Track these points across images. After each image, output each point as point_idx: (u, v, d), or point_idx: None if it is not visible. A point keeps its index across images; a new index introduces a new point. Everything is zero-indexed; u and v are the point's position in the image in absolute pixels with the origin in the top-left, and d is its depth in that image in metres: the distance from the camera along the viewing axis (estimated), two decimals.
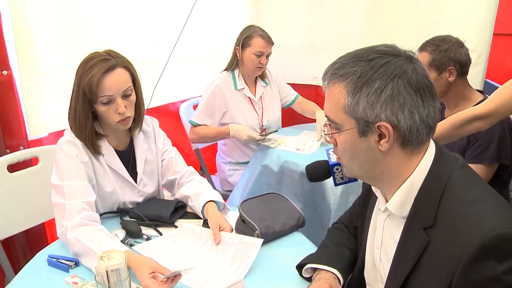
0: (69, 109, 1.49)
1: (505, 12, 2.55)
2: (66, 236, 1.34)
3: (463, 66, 1.90)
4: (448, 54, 1.88)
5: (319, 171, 1.27)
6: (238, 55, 2.49)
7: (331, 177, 1.26)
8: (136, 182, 1.62)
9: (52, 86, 2.10)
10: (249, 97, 2.56)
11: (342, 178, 1.25)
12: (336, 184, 1.27)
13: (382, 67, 0.89)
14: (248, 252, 1.32)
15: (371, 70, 0.89)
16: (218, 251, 1.35)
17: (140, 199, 1.63)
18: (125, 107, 1.46)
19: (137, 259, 1.22)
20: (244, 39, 2.44)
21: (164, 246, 1.37)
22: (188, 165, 1.78)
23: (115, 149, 1.57)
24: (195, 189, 1.62)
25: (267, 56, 2.47)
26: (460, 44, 1.91)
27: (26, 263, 1.34)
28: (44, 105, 2.09)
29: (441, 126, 1.59)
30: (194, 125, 2.50)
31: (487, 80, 2.68)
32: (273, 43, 2.46)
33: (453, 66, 1.88)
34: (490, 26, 2.35)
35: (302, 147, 2.34)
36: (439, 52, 1.89)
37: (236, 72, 2.53)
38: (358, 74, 0.89)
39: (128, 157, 1.61)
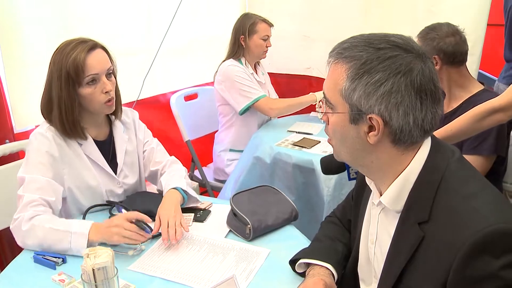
0: (48, 101, 1.45)
1: (499, 2, 2.54)
2: (21, 228, 1.30)
3: (449, 55, 1.85)
4: (431, 43, 1.86)
5: (334, 165, 1.28)
6: (243, 43, 2.54)
7: (345, 171, 1.28)
8: (116, 173, 1.58)
9: (38, 76, 2.03)
10: (258, 81, 2.62)
11: (356, 173, 1.26)
12: (350, 179, 1.28)
13: (388, 59, 0.85)
14: (253, 258, 1.29)
15: (376, 60, 0.86)
16: (219, 254, 1.31)
17: (120, 191, 1.60)
18: None
19: (104, 224, 1.31)
20: (250, 27, 2.51)
21: (159, 257, 1.30)
22: (180, 158, 1.75)
23: (94, 140, 1.53)
24: (167, 178, 1.59)
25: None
26: (449, 34, 1.86)
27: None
28: (31, 97, 2.04)
29: (461, 120, 1.58)
30: (261, 99, 2.47)
31: (481, 71, 2.67)
32: (272, 25, 2.58)
33: (436, 55, 1.85)
34: (485, 16, 2.33)
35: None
36: (424, 41, 1.88)
37: (242, 59, 2.58)
38: (362, 61, 0.86)
39: (108, 148, 1.58)
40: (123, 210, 1.39)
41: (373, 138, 0.89)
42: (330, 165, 1.30)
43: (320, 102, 0.98)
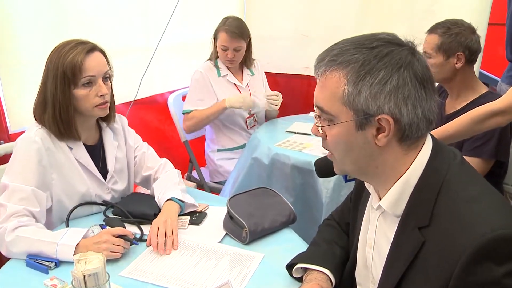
0: (42, 101, 1.42)
1: (500, 1, 2.51)
2: (5, 239, 1.27)
3: (472, 53, 1.82)
4: (459, 38, 1.80)
5: (330, 167, 1.21)
6: (214, 47, 2.53)
7: None
8: (105, 179, 1.56)
9: (33, 77, 2.01)
10: (235, 84, 2.58)
11: None
12: (346, 181, 1.23)
13: (386, 56, 0.83)
14: (247, 262, 1.26)
15: (374, 59, 0.83)
16: (212, 258, 1.28)
17: (108, 197, 1.57)
18: None
19: (92, 240, 1.27)
20: (215, 31, 2.48)
21: (151, 262, 1.27)
22: (177, 158, 1.73)
23: (84, 144, 1.51)
24: (161, 187, 1.57)
25: (237, 50, 2.45)
26: (472, 30, 1.84)
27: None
28: (26, 97, 2.02)
29: (460, 121, 1.56)
30: (187, 113, 2.50)
31: (482, 70, 2.65)
32: (240, 38, 2.42)
33: (462, 52, 1.81)
34: (485, 15, 2.32)
35: None
36: (449, 36, 1.81)
37: (219, 61, 2.56)
38: (360, 62, 0.83)
39: (98, 153, 1.55)
40: (107, 227, 1.37)
41: (382, 140, 0.86)
42: (326, 168, 1.23)
43: (315, 117, 0.94)
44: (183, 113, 2.54)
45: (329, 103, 0.88)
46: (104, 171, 1.56)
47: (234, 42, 2.42)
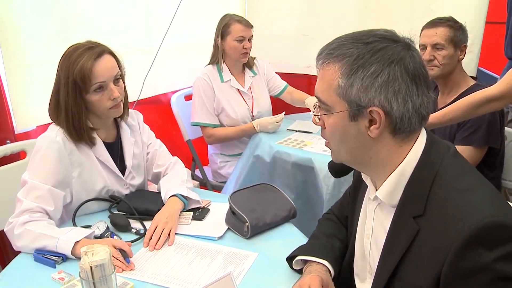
0: (56, 106, 1.45)
1: (497, 0, 2.54)
2: (14, 232, 1.31)
3: (467, 46, 1.92)
4: (463, 32, 1.89)
5: (342, 165, 1.20)
6: (219, 46, 2.49)
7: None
8: (123, 175, 1.60)
9: (39, 77, 2.06)
10: (237, 89, 2.56)
11: None
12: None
13: (380, 51, 0.87)
14: (242, 260, 1.29)
15: (368, 53, 0.87)
16: (207, 257, 1.30)
17: (126, 192, 1.62)
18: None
19: (92, 241, 1.27)
20: (223, 29, 2.45)
21: (146, 261, 1.29)
22: (181, 157, 1.76)
23: (103, 142, 1.55)
24: (167, 184, 1.60)
25: (249, 40, 2.48)
26: None
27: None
28: (32, 97, 2.06)
29: (458, 106, 1.62)
30: (205, 126, 2.49)
31: (480, 68, 2.67)
32: (252, 26, 2.48)
33: (465, 45, 1.89)
34: (483, 13, 2.34)
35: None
36: (458, 28, 1.88)
37: (221, 64, 2.53)
38: (354, 56, 0.87)
39: (116, 150, 1.59)
40: (115, 236, 1.39)
41: (374, 131, 0.89)
42: (339, 167, 1.22)
43: (315, 107, 0.98)
44: (192, 125, 2.52)
45: (326, 94, 0.92)
46: (122, 167, 1.60)
47: (249, 31, 2.46)
